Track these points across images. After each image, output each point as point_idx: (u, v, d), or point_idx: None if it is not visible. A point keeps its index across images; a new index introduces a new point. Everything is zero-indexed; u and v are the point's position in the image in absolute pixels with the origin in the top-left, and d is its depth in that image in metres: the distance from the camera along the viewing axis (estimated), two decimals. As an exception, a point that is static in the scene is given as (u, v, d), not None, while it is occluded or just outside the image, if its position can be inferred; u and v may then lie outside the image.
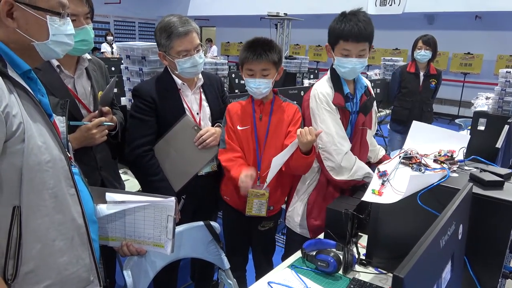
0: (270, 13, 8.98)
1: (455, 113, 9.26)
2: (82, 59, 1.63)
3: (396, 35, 9.60)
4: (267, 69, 1.73)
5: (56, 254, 0.97)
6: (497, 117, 2.34)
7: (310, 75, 7.20)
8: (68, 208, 0.99)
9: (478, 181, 1.18)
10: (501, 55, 8.88)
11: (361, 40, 1.65)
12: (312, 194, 1.81)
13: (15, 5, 0.90)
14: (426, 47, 3.62)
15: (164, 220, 1.28)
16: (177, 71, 1.77)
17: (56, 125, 1.05)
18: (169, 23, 1.71)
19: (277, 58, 1.75)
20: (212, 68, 4.67)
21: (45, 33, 0.97)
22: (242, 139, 1.80)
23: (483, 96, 3.93)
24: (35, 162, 0.90)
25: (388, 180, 1.25)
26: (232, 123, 1.81)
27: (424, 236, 0.73)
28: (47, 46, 0.98)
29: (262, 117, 1.81)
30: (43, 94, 1.03)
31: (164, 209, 1.27)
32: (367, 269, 1.38)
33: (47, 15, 0.96)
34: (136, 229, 1.29)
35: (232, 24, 13.37)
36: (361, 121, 1.79)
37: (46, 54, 1.00)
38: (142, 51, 2.33)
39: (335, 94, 1.74)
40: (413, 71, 3.74)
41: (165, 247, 1.30)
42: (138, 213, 1.27)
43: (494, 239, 1.10)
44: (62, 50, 1.03)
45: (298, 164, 1.66)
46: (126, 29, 13.73)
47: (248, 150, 1.80)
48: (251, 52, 1.72)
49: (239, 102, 1.85)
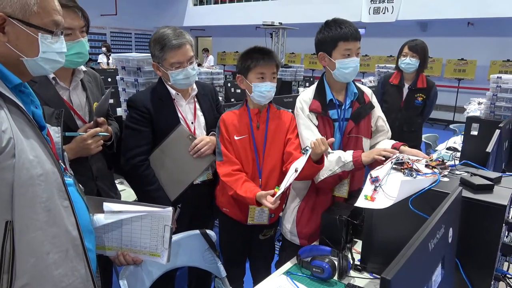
0: (265, 23, 9.07)
1: (450, 118, 9.32)
2: (77, 71, 1.65)
3: (390, 43, 9.68)
4: (275, 72, 1.78)
5: (51, 267, 0.97)
6: (489, 122, 2.36)
7: (306, 83, 7.27)
8: (62, 220, 0.99)
9: (469, 185, 1.20)
10: (494, 61, 8.99)
11: (358, 39, 1.72)
12: (302, 202, 1.84)
13: (8, 20, 0.90)
14: (412, 54, 3.01)
15: (161, 229, 1.29)
16: (170, 82, 1.79)
17: (50, 136, 1.06)
18: (163, 35, 1.73)
19: (280, 63, 1.80)
20: (208, 78, 4.70)
21: (35, 50, 0.96)
22: (239, 149, 1.78)
23: (475, 102, 3.96)
24: (26, 177, 0.89)
25: (380, 186, 1.26)
26: (228, 133, 1.79)
27: (412, 239, 0.74)
28: (36, 63, 0.98)
29: (260, 126, 1.81)
30: (36, 105, 1.03)
31: (161, 219, 1.28)
32: (362, 274, 1.39)
33: (39, 32, 0.96)
34: (132, 238, 1.30)
35: (228, 34, 13.48)
36: (349, 129, 1.77)
37: (35, 70, 0.99)
38: (137, 62, 2.36)
39: (312, 101, 1.77)
40: (396, 83, 3.15)
41: (162, 257, 1.31)
42: (135, 222, 1.28)
43: (485, 242, 1.12)
44: (52, 68, 1.03)
45: (310, 172, 1.66)
46: (122, 40, 13.81)
47: (247, 159, 1.79)
48: (260, 55, 1.74)
49: (232, 112, 1.84)
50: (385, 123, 1.90)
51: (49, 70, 1.03)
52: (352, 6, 9.17)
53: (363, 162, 1.64)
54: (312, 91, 1.82)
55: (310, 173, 1.67)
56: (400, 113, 3.07)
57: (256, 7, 11.80)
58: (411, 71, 3.08)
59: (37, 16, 0.95)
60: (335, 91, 1.81)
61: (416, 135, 3.24)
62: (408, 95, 3.13)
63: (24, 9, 0.92)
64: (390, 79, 3.22)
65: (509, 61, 8.82)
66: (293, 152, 1.74)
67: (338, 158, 1.68)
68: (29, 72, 0.99)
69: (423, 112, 3.22)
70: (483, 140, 1.82)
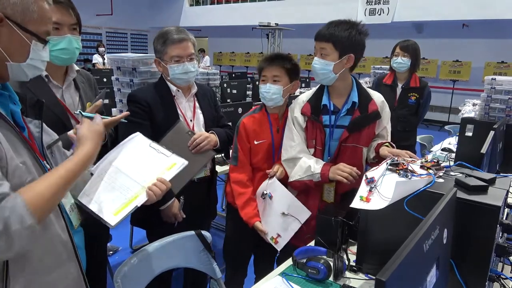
0: (262, 23, 9.08)
1: (445, 119, 9.38)
2: (70, 70, 1.64)
3: (385, 44, 9.67)
4: (278, 75, 1.79)
5: (45, 272, 0.96)
6: (483, 123, 2.38)
7: (302, 84, 7.27)
8: (52, 224, 0.98)
9: (463, 186, 1.21)
10: (488, 62, 9.05)
11: (319, 39, 1.71)
12: None
13: (5, 21, 0.89)
14: (403, 53, 3.11)
15: (152, 150, 1.27)
16: (169, 77, 1.83)
17: (30, 135, 1.03)
18: (167, 31, 1.81)
19: (290, 66, 1.81)
20: (204, 78, 4.69)
21: (24, 55, 0.94)
22: (258, 152, 1.86)
23: (470, 103, 3.98)
24: (17, 185, 0.87)
25: (376, 187, 1.26)
26: (248, 138, 1.85)
27: (407, 240, 0.74)
28: (20, 68, 0.95)
29: (279, 130, 1.87)
30: (15, 101, 1.00)
31: (138, 144, 1.27)
32: (358, 275, 1.39)
33: (33, 39, 0.94)
34: (140, 172, 1.22)
35: (224, 34, 13.47)
36: (343, 137, 1.72)
37: (15, 75, 0.97)
38: (133, 62, 2.35)
39: (305, 104, 1.77)
40: (389, 83, 3.23)
41: (177, 162, 1.28)
42: (123, 164, 1.22)
43: (479, 243, 1.12)
44: (32, 74, 1.01)
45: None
46: (118, 40, 13.76)
47: (263, 159, 1.86)
48: (266, 60, 1.83)
49: (252, 116, 1.89)
50: (388, 134, 1.83)
51: (30, 76, 1.01)
52: (348, 8, 9.19)
53: (330, 178, 1.66)
54: (310, 94, 1.82)
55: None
56: (393, 113, 3.03)
57: (252, 7, 11.80)
58: (403, 71, 3.16)
59: (34, 23, 0.93)
60: (335, 96, 1.76)
61: (411, 135, 3.28)
62: (401, 95, 3.20)
63: (25, 13, 0.91)
64: (384, 80, 3.29)
65: (504, 62, 8.89)
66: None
67: (308, 167, 1.69)
68: (8, 76, 0.96)
69: (418, 112, 3.26)
70: (478, 141, 1.83)
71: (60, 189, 0.93)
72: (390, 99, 3.09)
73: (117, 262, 2.90)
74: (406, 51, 3.10)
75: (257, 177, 1.89)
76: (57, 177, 0.93)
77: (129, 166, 1.23)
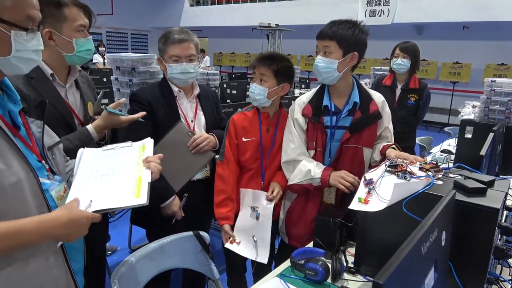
0: (262, 24, 9.08)
1: (445, 121, 9.37)
2: (73, 70, 1.65)
3: (386, 45, 9.68)
4: (265, 75, 1.78)
5: (30, 275, 0.93)
6: (483, 125, 2.38)
7: (302, 85, 7.26)
8: None
9: (462, 188, 1.20)
10: (489, 64, 9.05)
11: (320, 37, 1.71)
12: (292, 204, 1.86)
13: None
14: (403, 54, 3.12)
15: (111, 151, 1.19)
16: (167, 76, 1.85)
17: (30, 134, 1.01)
18: (170, 31, 1.84)
19: (278, 68, 1.78)
20: (204, 79, 4.68)
21: (6, 48, 0.87)
22: (246, 150, 1.84)
23: (469, 105, 3.97)
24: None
25: (374, 188, 1.26)
26: (236, 135, 1.83)
27: (405, 242, 0.74)
28: (9, 62, 0.89)
29: (269, 129, 1.85)
30: (15, 101, 0.97)
31: (92, 155, 1.17)
32: (356, 277, 1.38)
33: (11, 29, 0.86)
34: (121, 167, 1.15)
35: (224, 34, 13.47)
36: (345, 138, 1.70)
37: (9, 70, 0.91)
38: (132, 62, 2.35)
39: (306, 105, 1.75)
40: (389, 84, 3.24)
41: (145, 142, 1.25)
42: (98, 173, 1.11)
43: (478, 245, 1.12)
44: (28, 66, 0.95)
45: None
46: (118, 40, 13.75)
47: (251, 159, 1.84)
48: (257, 58, 1.83)
49: (244, 113, 1.88)
50: (391, 134, 1.82)
51: (25, 69, 0.95)
52: (348, 9, 9.19)
53: (330, 184, 1.66)
54: (311, 94, 1.80)
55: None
56: (393, 114, 3.03)
57: (252, 8, 11.79)
58: (403, 72, 3.17)
59: (9, 11, 0.86)
60: (336, 97, 1.75)
61: (410, 136, 3.29)
62: (401, 96, 3.21)
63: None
64: (383, 81, 3.30)
65: (504, 64, 8.89)
66: None
67: (308, 170, 1.68)
68: (2, 71, 0.91)
69: (417, 114, 3.27)
70: (477, 143, 1.83)
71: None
72: (390, 100, 3.01)
73: (116, 262, 2.90)
74: (406, 53, 3.12)
75: (245, 177, 1.87)
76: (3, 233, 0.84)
77: (105, 171, 1.12)
